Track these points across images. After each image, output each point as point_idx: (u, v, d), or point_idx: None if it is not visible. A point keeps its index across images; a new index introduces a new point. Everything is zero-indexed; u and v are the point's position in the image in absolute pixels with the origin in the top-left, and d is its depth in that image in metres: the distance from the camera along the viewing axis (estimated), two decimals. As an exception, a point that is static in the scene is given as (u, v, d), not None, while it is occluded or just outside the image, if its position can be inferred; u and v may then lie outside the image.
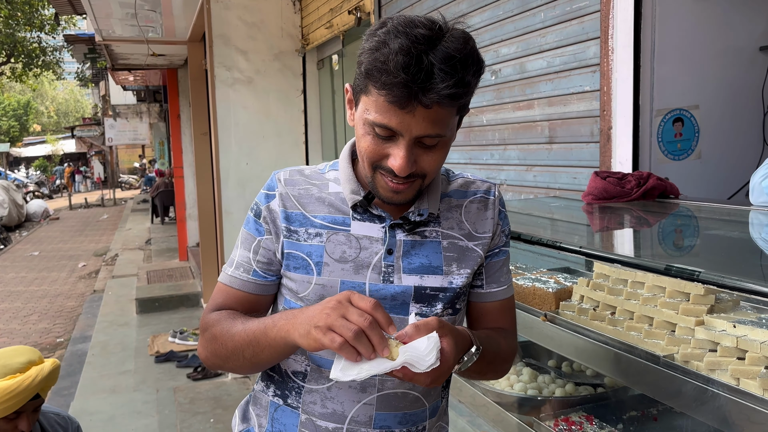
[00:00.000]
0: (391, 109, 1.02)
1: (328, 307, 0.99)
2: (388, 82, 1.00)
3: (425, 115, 1.02)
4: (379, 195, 1.14)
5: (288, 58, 5.66)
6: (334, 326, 0.97)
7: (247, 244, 1.25)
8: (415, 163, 1.08)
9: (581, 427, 1.61)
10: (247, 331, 1.14)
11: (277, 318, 1.10)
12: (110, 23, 7.00)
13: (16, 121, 42.77)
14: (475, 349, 1.09)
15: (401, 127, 1.04)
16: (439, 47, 1.00)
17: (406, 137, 1.05)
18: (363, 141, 1.10)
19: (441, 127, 1.06)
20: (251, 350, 1.13)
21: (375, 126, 1.06)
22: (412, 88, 0.99)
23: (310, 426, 1.20)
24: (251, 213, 1.26)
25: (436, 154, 1.10)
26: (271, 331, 1.09)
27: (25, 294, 9.44)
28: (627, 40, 2.22)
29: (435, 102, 1.01)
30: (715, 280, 1.11)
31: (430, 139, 1.06)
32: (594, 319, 1.49)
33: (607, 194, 1.96)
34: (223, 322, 1.19)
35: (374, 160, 1.10)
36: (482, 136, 3.15)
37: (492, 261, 1.28)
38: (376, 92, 1.03)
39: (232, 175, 5.49)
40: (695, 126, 2.35)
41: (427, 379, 0.99)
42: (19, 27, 22.68)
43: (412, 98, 1.00)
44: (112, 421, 4.59)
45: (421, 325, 1.00)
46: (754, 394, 1.08)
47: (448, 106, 1.04)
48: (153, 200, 15.83)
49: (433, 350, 0.97)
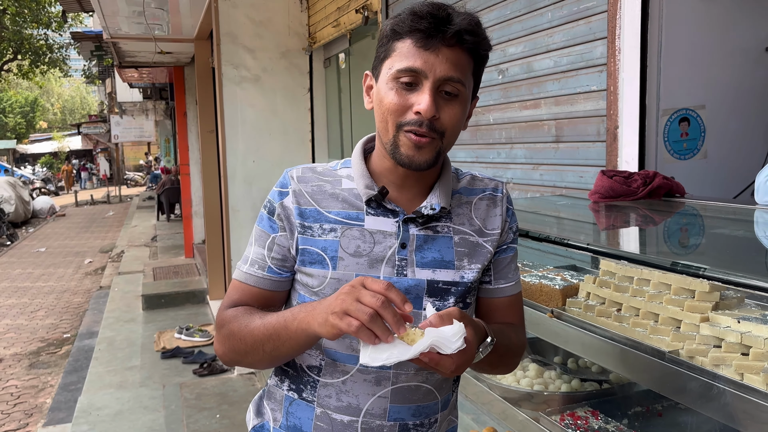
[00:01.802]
0: (417, 51, 1.12)
1: (342, 293, 1.02)
2: (414, 25, 1.11)
3: (448, 55, 1.12)
4: (400, 156, 1.17)
5: (295, 57, 5.68)
6: (349, 310, 1.00)
7: (261, 241, 1.27)
8: (438, 111, 1.13)
9: (587, 422, 1.63)
10: (266, 325, 1.16)
11: (297, 311, 1.12)
12: (117, 21, 7.03)
13: (22, 118, 42.92)
14: (490, 339, 1.12)
15: (426, 66, 1.11)
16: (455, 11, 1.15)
17: (431, 78, 1.12)
18: (386, 99, 1.15)
19: (461, 72, 1.14)
20: (272, 344, 1.16)
21: (400, 73, 1.13)
22: (436, 27, 1.10)
23: (326, 419, 1.23)
24: (264, 210, 1.27)
25: (456, 108, 1.15)
26: (291, 324, 1.12)
27: (32, 290, 9.50)
28: (634, 41, 2.24)
29: (455, 36, 1.11)
30: (720, 276, 1.13)
31: (451, 85, 1.13)
32: (600, 316, 1.51)
33: (613, 193, 1.98)
34: (240, 318, 1.21)
35: (399, 114, 1.14)
36: (489, 135, 3.17)
37: (500, 257, 1.30)
38: (400, 43, 1.14)
39: (238, 172, 5.52)
40: (701, 126, 2.36)
41: (452, 366, 1.01)
42: (26, 24, 22.77)
43: (436, 33, 1.11)
44: (119, 416, 4.63)
45: (444, 315, 1.03)
46: (757, 389, 1.10)
47: (467, 51, 1.14)
48: (159, 197, 15.87)
49: (460, 335, 1.00)
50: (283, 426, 1.28)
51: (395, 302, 1.01)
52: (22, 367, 6.21)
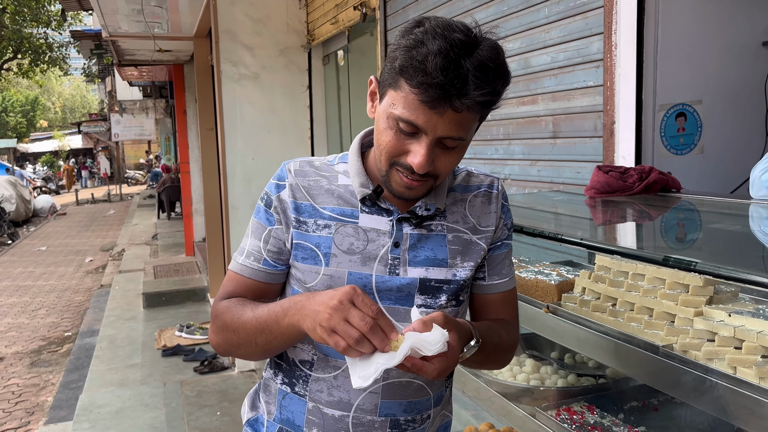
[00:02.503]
0: (421, 107, 1.05)
1: (330, 307, 1.02)
2: (425, 82, 1.02)
3: (453, 117, 1.06)
4: (392, 189, 1.17)
5: (293, 54, 5.68)
6: (337, 329, 1.01)
7: (257, 233, 1.27)
8: (433, 163, 1.11)
9: (582, 417, 1.64)
10: (258, 319, 1.17)
11: (287, 306, 1.13)
12: (117, 19, 7.03)
13: (23, 117, 42.94)
14: (474, 342, 1.13)
15: (427, 125, 1.06)
16: (475, 54, 1.03)
17: (430, 136, 1.07)
18: (384, 135, 1.12)
19: (464, 130, 1.09)
20: (264, 338, 1.17)
21: (400, 121, 1.08)
22: (448, 91, 1.02)
23: (317, 414, 1.23)
24: (261, 203, 1.28)
25: (454, 156, 1.13)
26: (282, 321, 1.13)
27: (33, 288, 9.52)
28: (630, 36, 2.24)
29: (466, 107, 1.04)
30: (712, 270, 1.14)
31: (451, 141, 1.09)
32: (595, 311, 1.52)
33: (609, 188, 1.98)
34: (233, 309, 1.22)
35: (393, 156, 1.12)
36: (487, 131, 3.17)
37: (494, 253, 1.31)
38: (409, 89, 1.05)
39: (238, 170, 5.52)
40: (698, 121, 2.36)
41: (435, 371, 1.02)
42: (25, 23, 22.77)
43: (445, 100, 1.03)
44: (120, 414, 4.65)
45: (427, 320, 1.04)
46: (750, 383, 1.10)
47: (477, 113, 1.08)
48: (159, 196, 15.89)
49: (441, 338, 1.00)
50: (277, 419, 1.29)
51: (383, 329, 1.01)
52: (24, 366, 6.23)
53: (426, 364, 1.02)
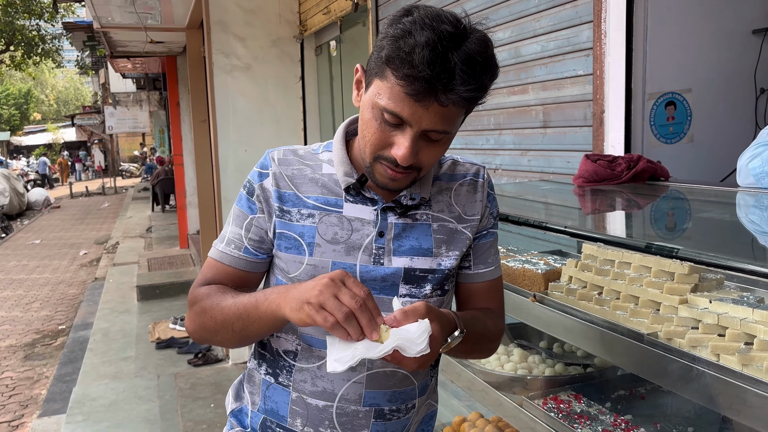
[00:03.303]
0: (406, 99, 1.03)
1: (321, 284, 1.01)
2: (411, 74, 1.00)
3: (438, 111, 1.04)
4: (375, 180, 1.16)
5: (286, 45, 5.65)
6: (326, 305, 0.99)
7: (239, 221, 1.26)
8: (416, 155, 1.10)
9: (569, 406, 1.64)
10: (237, 304, 1.15)
11: (269, 292, 1.12)
12: (108, 10, 6.98)
13: (16, 109, 42.73)
14: (458, 332, 1.11)
15: (412, 118, 1.05)
16: (463, 47, 1.01)
17: (414, 128, 1.06)
18: (369, 126, 1.11)
19: (449, 124, 1.08)
20: (241, 323, 1.15)
21: (385, 112, 1.07)
22: (434, 85, 1.00)
23: (301, 404, 1.23)
24: (244, 190, 1.26)
25: (438, 149, 1.12)
26: (262, 305, 1.11)
27: (27, 282, 9.50)
28: (619, 24, 2.23)
29: (452, 102, 1.03)
30: (694, 257, 1.13)
31: (436, 134, 1.08)
32: (582, 299, 1.52)
33: (597, 177, 1.98)
34: (213, 295, 1.21)
35: (377, 149, 1.11)
36: (478, 121, 3.16)
37: (480, 242, 1.30)
38: (395, 80, 1.03)
39: (231, 162, 5.50)
40: (688, 109, 2.36)
41: (415, 364, 1.02)
42: (18, 15, 22.60)
43: (431, 94, 1.02)
44: (113, 407, 4.64)
45: (409, 310, 1.03)
46: (733, 370, 1.10)
47: (462, 107, 1.07)
48: (153, 188, 15.85)
49: (424, 336, 0.99)
50: (261, 409, 1.28)
51: (371, 311, 1.01)
52: (18, 359, 6.22)
53: (406, 357, 1.01)
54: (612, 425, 1.57)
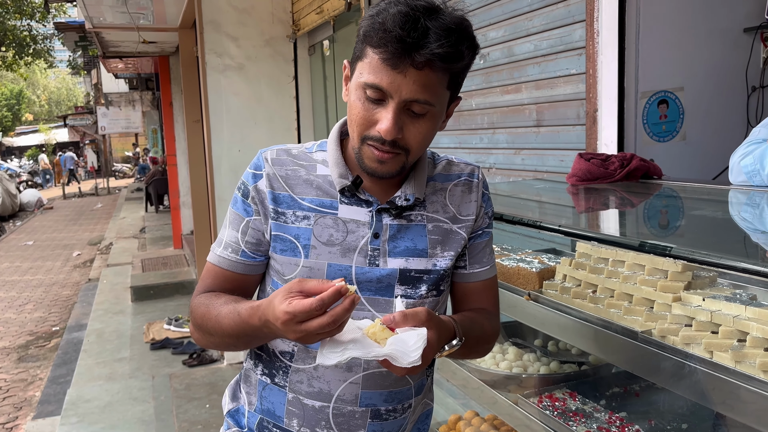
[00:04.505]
0: (384, 68, 1.06)
1: (284, 330, 1.01)
2: (384, 37, 1.04)
3: (416, 77, 1.05)
4: (364, 166, 1.15)
5: (279, 44, 5.64)
6: (307, 339, 1.02)
7: (235, 224, 1.25)
8: (401, 131, 1.10)
9: (564, 404, 1.65)
10: (234, 327, 1.16)
11: (258, 326, 1.10)
12: (100, 10, 6.95)
13: (8, 110, 42.50)
14: (456, 341, 1.12)
15: (391, 87, 1.06)
16: (437, 18, 1.05)
17: (396, 99, 1.07)
18: (354, 108, 1.12)
19: (430, 93, 1.08)
20: (244, 341, 1.22)
21: (367, 88, 1.08)
22: (405, 43, 1.03)
23: (297, 405, 1.23)
24: (238, 192, 1.26)
25: (423, 126, 1.11)
26: (260, 332, 1.12)
27: (20, 283, 9.45)
28: (612, 23, 2.24)
29: (427, 61, 1.04)
30: (687, 255, 1.14)
31: (418, 105, 1.08)
32: (576, 298, 1.52)
33: (591, 175, 1.98)
34: (211, 310, 1.21)
35: (364, 128, 1.11)
36: (471, 120, 3.17)
37: (475, 242, 1.30)
38: (372, 52, 1.07)
39: (224, 162, 5.49)
40: (680, 108, 2.37)
41: (403, 372, 1.02)
42: (8, 15, 22.46)
43: (405, 55, 1.03)
44: (108, 408, 4.63)
45: (409, 314, 1.03)
46: (726, 366, 1.11)
47: (439, 71, 1.07)
48: (147, 189, 15.79)
49: (419, 348, 0.99)
50: (258, 410, 1.29)
51: (333, 299, 0.98)
52: (11, 361, 6.19)
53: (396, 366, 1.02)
54: (607, 422, 1.58)
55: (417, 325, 1.03)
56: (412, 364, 0.99)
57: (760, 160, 1.72)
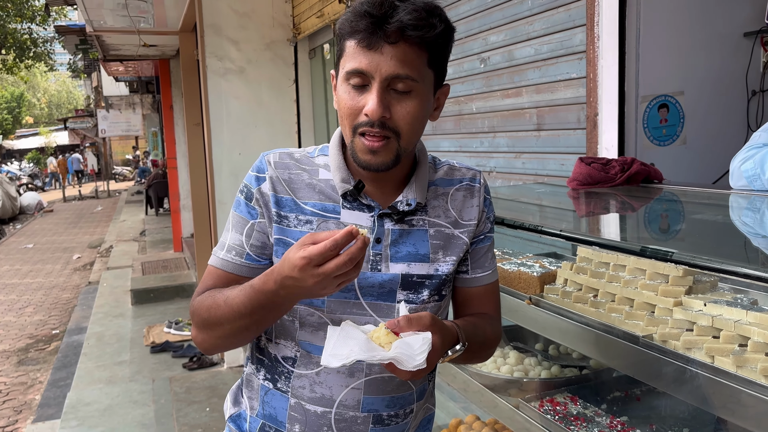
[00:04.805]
0: (361, 51, 1.09)
1: (302, 277, 1.00)
2: (354, 22, 1.09)
3: (393, 52, 1.08)
4: (358, 160, 1.15)
5: (279, 48, 5.65)
6: (326, 286, 1.01)
7: (239, 227, 1.24)
8: (389, 111, 1.11)
9: (566, 408, 1.65)
10: (247, 303, 1.11)
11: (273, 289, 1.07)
12: (101, 14, 6.96)
13: (8, 113, 42.52)
14: (459, 346, 1.12)
15: (370, 67, 1.09)
16: (409, 1, 1.10)
17: (377, 78, 1.09)
18: (342, 101, 1.14)
19: (410, 68, 1.10)
20: (256, 319, 1.13)
21: (350, 76, 1.11)
22: (374, 17, 1.07)
23: (300, 410, 1.23)
24: (241, 195, 1.25)
25: (410, 105, 1.12)
26: (276, 298, 1.08)
27: (20, 286, 9.45)
28: (612, 27, 2.25)
29: (399, 32, 1.07)
30: (688, 260, 1.14)
31: (401, 82, 1.10)
32: (577, 302, 1.52)
33: (591, 180, 1.99)
34: (218, 297, 1.17)
35: (353, 117, 1.13)
36: (472, 124, 3.17)
37: (477, 247, 1.30)
38: (348, 43, 1.11)
39: (225, 165, 5.49)
40: (680, 112, 2.37)
41: (408, 376, 1.02)
42: (9, 18, 22.49)
43: (376, 32, 1.07)
44: (108, 411, 4.63)
45: (413, 319, 1.03)
46: (727, 371, 1.11)
47: (414, 44, 1.09)
48: (147, 192, 15.79)
49: (424, 352, 1.00)
50: (260, 414, 1.28)
51: (346, 241, 0.98)
52: (11, 364, 6.19)
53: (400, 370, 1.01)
54: (608, 427, 1.58)
55: (421, 330, 1.03)
56: (417, 368, 0.99)
57: (760, 165, 1.72)
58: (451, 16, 3.41)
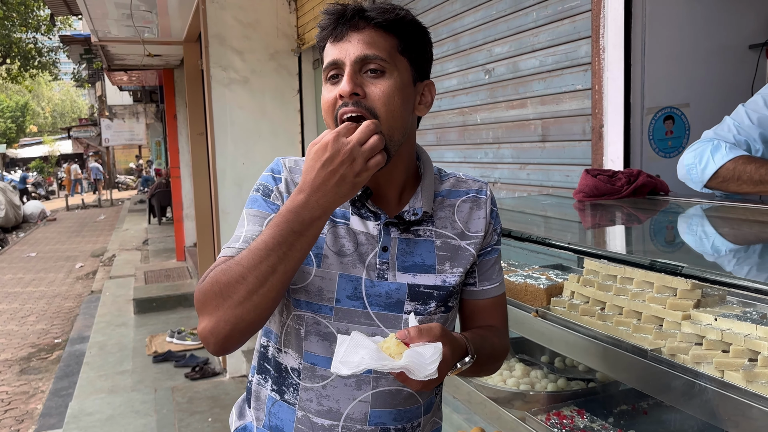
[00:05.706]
0: (333, 45, 1.15)
1: (334, 151, 1.03)
2: (324, 21, 1.16)
3: (359, 37, 1.13)
4: None
5: (284, 58, 5.67)
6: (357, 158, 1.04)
7: (256, 221, 1.19)
8: (361, 89, 1.12)
9: (572, 421, 1.64)
10: (271, 238, 1.05)
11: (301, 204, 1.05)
12: (106, 24, 7.00)
13: (13, 122, 42.68)
14: (469, 358, 1.12)
15: (340, 54, 1.14)
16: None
17: (347, 61, 1.13)
18: (322, 100, 1.18)
19: (378, 49, 1.13)
20: (282, 253, 1.04)
21: (327, 71, 1.16)
22: (343, 14, 1.14)
23: (307, 423, 1.22)
24: (258, 193, 1.23)
25: (383, 84, 1.13)
26: (303, 217, 1.04)
27: (23, 295, 9.45)
28: (618, 39, 2.25)
29: (364, 19, 1.13)
30: (698, 274, 1.14)
31: (371, 62, 1.13)
32: (584, 315, 1.52)
33: (597, 192, 1.98)
34: (236, 255, 1.09)
35: (332, 108, 1.15)
36: (476, 135, 3.17)
37: (484, 259, 1.30)
38: (325, 49, 1.18)
39: (228, 174, 5.50)
40: (686, 124, 2.37)
41: (419, 386, 1.01)
42: (14, 28, 22.62)
43: (343, 23, 1.14)
44: (110, 421, 4.61)
45: (424, 329, 1.03)
46: (737, 386, 1.10)
47: (381, 29, 1.14)
48: (150, 201, 15.81)
49: (435, 361, 0.99)
50: (266, 425, 1.27)
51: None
52: (13, 373, 6.17)
53: (411, 379, 1.01)
54: (615, 441, 1.56)
55: (431, 341, 1.02)
56: (428, 377, 0.99)
57: (699, 156, 1.86)
58: (456, 27, 3.44)
